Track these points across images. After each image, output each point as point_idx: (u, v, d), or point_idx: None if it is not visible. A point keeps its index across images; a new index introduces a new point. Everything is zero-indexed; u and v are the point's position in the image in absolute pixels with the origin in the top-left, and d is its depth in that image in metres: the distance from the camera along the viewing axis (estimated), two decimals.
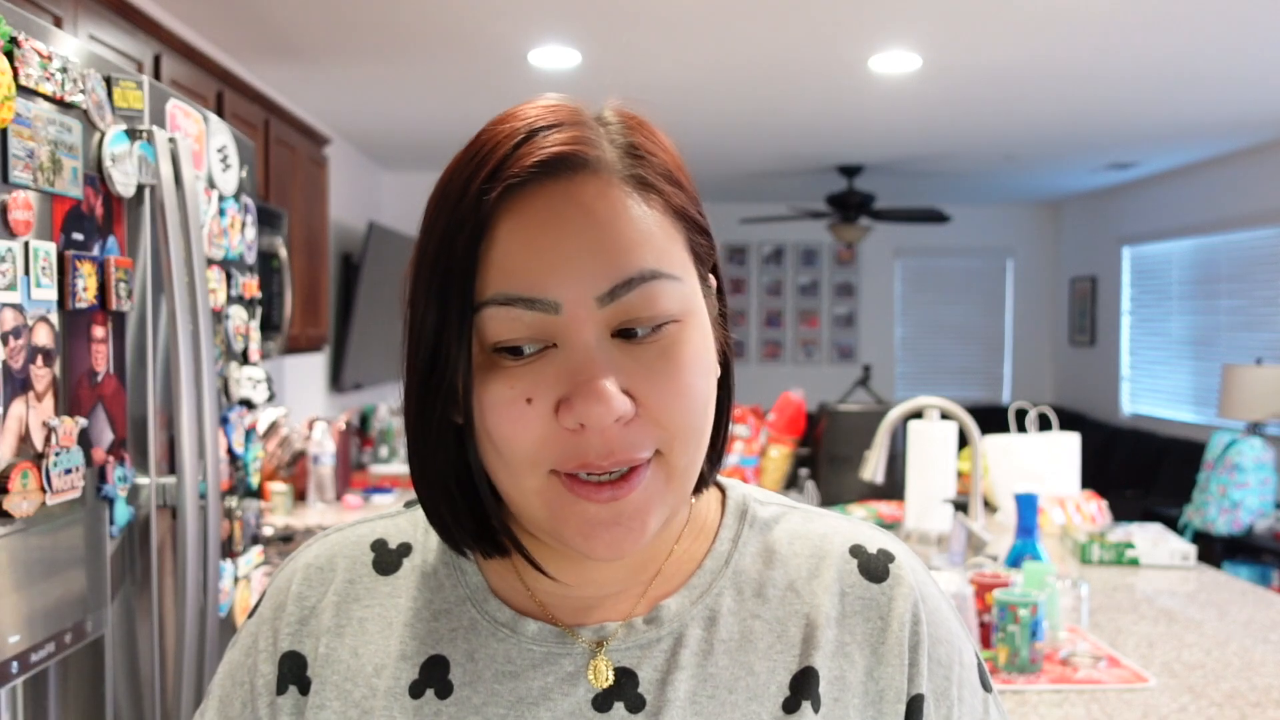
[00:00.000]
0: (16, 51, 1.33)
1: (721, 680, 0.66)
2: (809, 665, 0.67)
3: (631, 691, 0.65)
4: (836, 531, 0.73)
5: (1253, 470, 4.79)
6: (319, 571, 0.72)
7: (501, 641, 0.67)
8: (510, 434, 0.59)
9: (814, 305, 8.69)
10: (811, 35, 3.68)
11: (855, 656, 0.68)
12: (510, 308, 0.58)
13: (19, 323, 1.33)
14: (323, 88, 4.44)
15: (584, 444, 0.59)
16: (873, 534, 0.73)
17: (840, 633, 0.68)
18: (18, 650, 1.33)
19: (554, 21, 3.55)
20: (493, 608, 0.69)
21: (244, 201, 2.06)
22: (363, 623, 0.70)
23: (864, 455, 2.78)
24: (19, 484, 1.31)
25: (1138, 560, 2.64)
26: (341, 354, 5.20)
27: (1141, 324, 7.43)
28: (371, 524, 0.75)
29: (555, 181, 0.60)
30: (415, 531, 0.74)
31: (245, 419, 2.06)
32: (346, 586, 0.71)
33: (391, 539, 0.74)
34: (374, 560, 0.72)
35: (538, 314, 0.58)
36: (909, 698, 0.67)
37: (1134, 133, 5.51)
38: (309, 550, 0.74)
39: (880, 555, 0.71)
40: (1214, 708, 1.66)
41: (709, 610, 0.68)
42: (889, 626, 0.68)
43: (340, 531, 0.75)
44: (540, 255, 0.58)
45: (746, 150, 5.93)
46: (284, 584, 0.73)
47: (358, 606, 0.71)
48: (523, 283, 0.58)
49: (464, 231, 0.59)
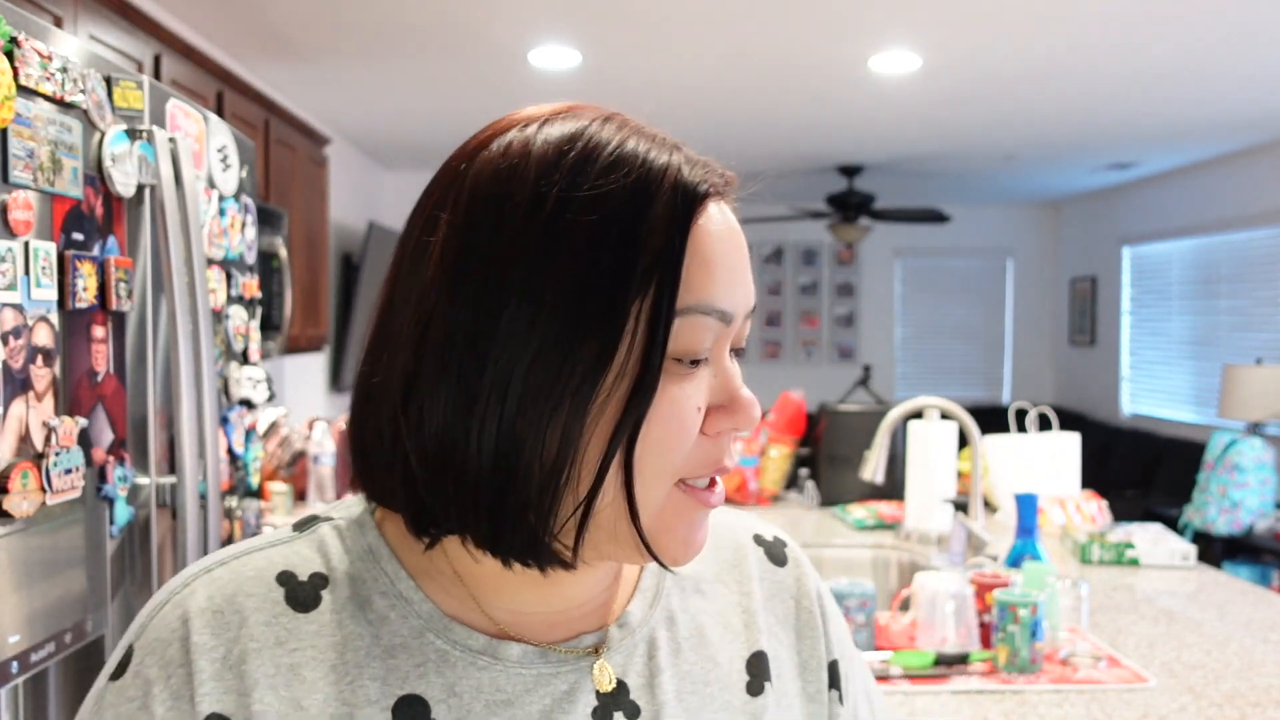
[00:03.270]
0: (16, 51, 1.33)
1: (696, 675, 0.68)
2: (758, 649, 0.72)
3: (625, 700, 0.65)
4: (738, 522, 0.78)
5: (1253, 470, 4.79)
6: (219, 617, 0.60)
7: (484, 670, 0.63)
8: (683, 440, 0.59)
9: (814, 305, 8.69)
10: (811, 35, 3.68)
11: (781, 636, 0.74)
12: (707, 318, 0.59)
13: (19, 323, 1.33)
14: (323, 88, 4.44)
15: (720, 450, 0.61)
16: (760, 523, 0.80)
17: (767, 616, 0.74)
18: (18, 650, 1.33)
19: (554, 21, 3.55)
20: (460, 635, 0.63)
21: (244, 201, 2.06)
22: (295, 669, 0.60)
23: (864, 455, 2.78)
24: (19, 484, 1.31)
25: (1138, 560, 2.64)
26: (341, 354, 5.20)
27: (1141, 324, 7.43)
28: (264, 554, 0.64)
29: (716, 201, 0.61)
30: (324, 559, 0.64)
31: (245, 419, 2.06)
32: (263, 630, 0.61)
33: (299, 569, 0.63)
34: (286, 596, 0.62)
35: (720, 325, 0.60)
36: (828, 663, 0.75)
37: (1134, 133, 5.51)
38: (194, 594, 0.61)
39: (776, 542, 0.78)
40: (1214, 708, 1.66)
41: (666, 611, 0.70)
42: (801, 605, 0.76)
43: (226, 566, 0.63)
44: (728, 269, 0.60)
45: (746, 150, 5.94)
46: (169, 635, 0.60)
47: (283, 651, 0.60)
48: (719, 294, 0.59)
49: (674, 239, 0.57)
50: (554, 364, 0.56)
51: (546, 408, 0.56)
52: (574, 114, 0.61)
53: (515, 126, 0.61)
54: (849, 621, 1.88)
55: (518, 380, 0.56)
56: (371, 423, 0.61)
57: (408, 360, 0.58)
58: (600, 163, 0.58)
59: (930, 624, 1.86)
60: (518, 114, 0.62)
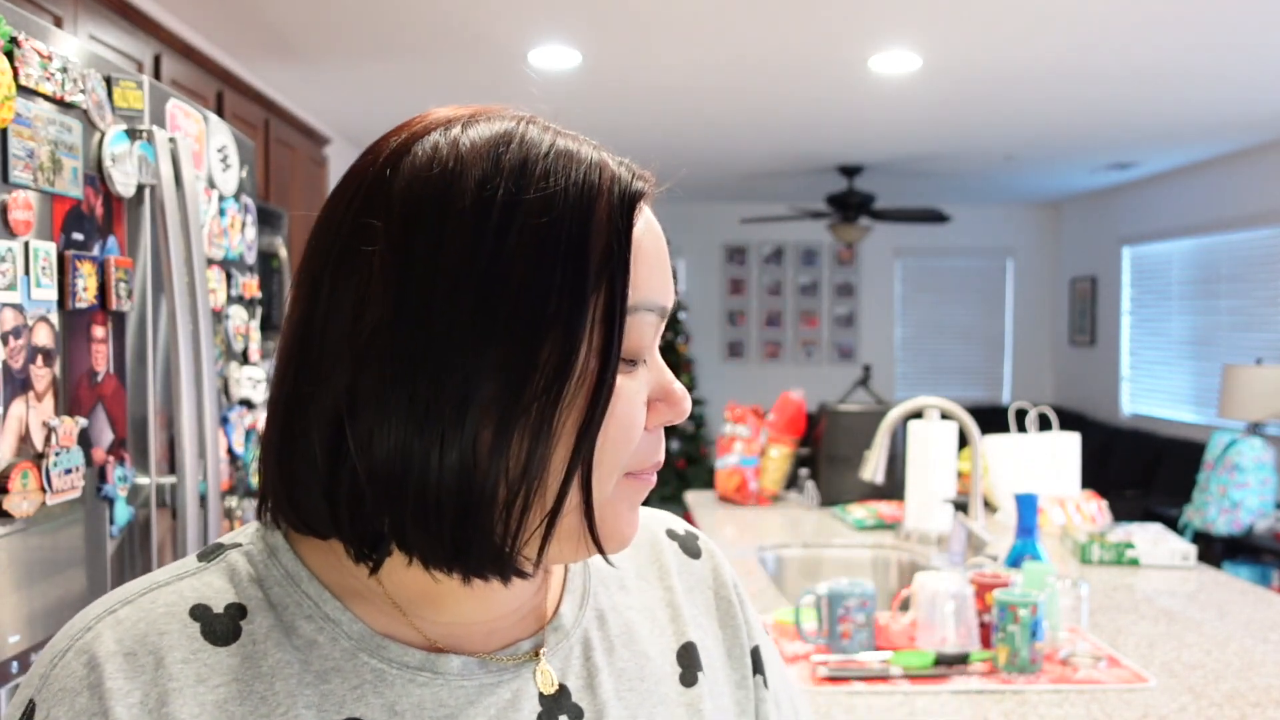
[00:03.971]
0: (16, 51, 1.33)
1: (631, 672, 0.69)
2: (687, 640, 0.73)
3: (568, 702, 0.65)
4: (651, 518, 0.79)
5: (1253, 470, 4.79)
6: (131, 659, 0.56)
7: (423, 686, 0.61)
8: (636, 436, 0.60)
9: (814, 305, 8.69)
10: (811, 35, 3.68)
11: (706, 626, 0.75)
12: (650, 314, 0.61)
13: (19, 323, 1.33)
14: (323, 88, 4.44)
15: (658, 443, 0.63)
16: (670, 517, 0.81)
17: (690, 608, 0.75)
18: (18, 650, 1.33)
19: (554, 21, 3.55)
20: (395, 653, 0.61)
21: (244, 201, 2.06)
22: (222, 705, 0.57)
23: (864, 455, 2.78)
24: (19, 484, 1.31)
25: (1138, 560, 2.64)
26: None
27: (1141, 324, 7.43)
28: (172, 588, 0.60)
29: (646, 200, 0.62)
30: (237, 588, 0.61)
31: (245, 419, 2.06)
32: (182, 668, 0.57)
33: (213, 601, 0.60)
34: (202, 630, 0.58)
35: (659, 321, 0.62)
36: (750, 649, 0.77)
37: (1134, 133, 5.51)
38: (99, 638, 0.57)
39: (689, 535, 0.79)
40: (1214, 708, 1.66)
41: (595, 610, 0.70)
42: (719, 594, 0.77)
43: (132, 605, 0.59)
44: (662, 266, 0.62)
45: (746, 150, 5.93)
46: (75, 685, 0.56)
47: (205, 689, 0.57)
48: (658, 290, 0.61)
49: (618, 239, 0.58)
50: (517, 373, 0.54)
51: (512, 419, 0.54)
52: (491, 115, 0.60)
53: (436, 129, 0.58)
54: (849, 621, 1.89)
55: (478, 394, 0.54)
56: (300, 445, 0.57)
57: (346, 378, 0.55)
58: (540, 164, 0.57)
59: (930, 624, 1.86)
60: (430, 115, 0.60)
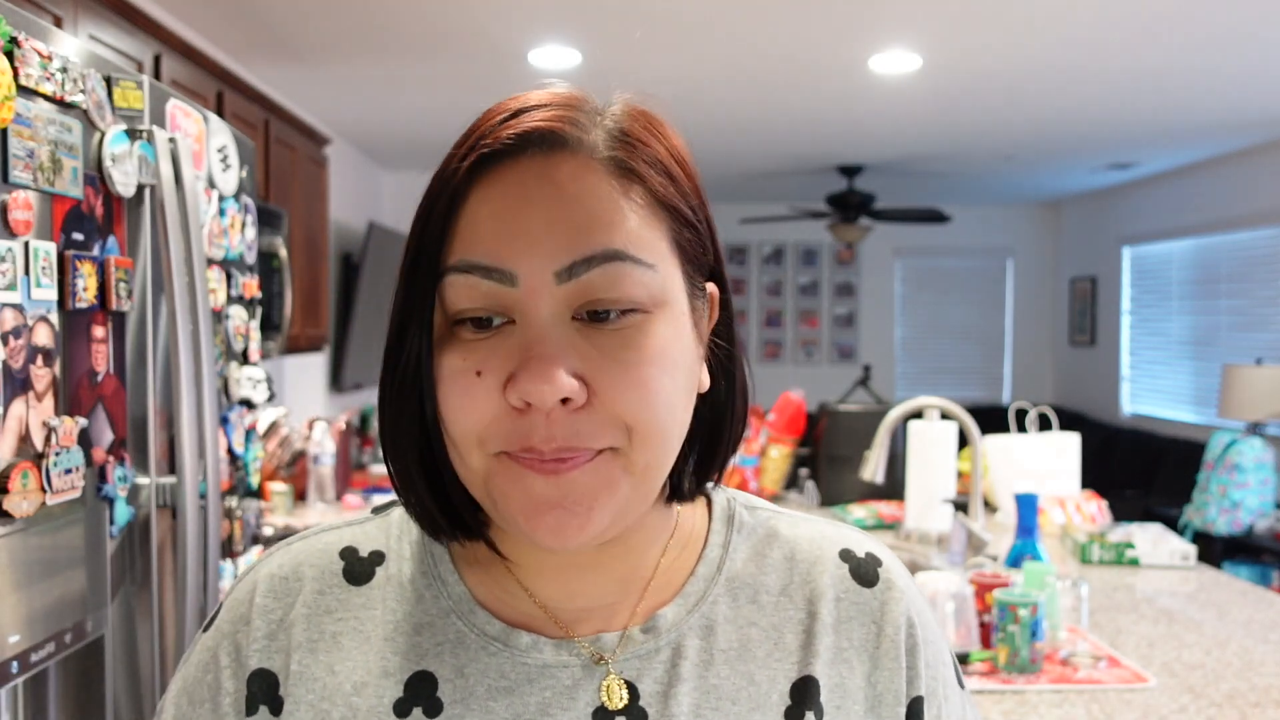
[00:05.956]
0: (16, 51, 1.33)
1: (724, 691, 0.65)
2: (808, 674, 0.66)
3: (634, 705, 0.63)
4: (824, 536, 0.72)
5: (1253, 470, 4.79)
6: (284, 582, 0.67)
7: (493, 656, 0.64)
8: (457, 407, 0.58)
9: (814, 305, 8.69)
10: (811, 35, 3.68)
11: (854, 662, 0.67)
12: (469, 275, 0.57)
13: (19, 323, 1.33)
14: (323, 88, 4.44)
15: (530, 425, 0.57)
16: (858, 537, 0.73)
17: (838, 638, 0.68)
18: (18, 650, 1.33)
19: (554, 21, 3.55)
20: (480, 620, 0.65)
21: (244, 201, 2.06)
22: (336, 637, 0.65)
23: (864, 455, 2.78)
24: (19, 484, 1.31)
25: (1138, 560, 2.64)
26: (341, 354, 5.20)
27: (1141, 324, 7.43)
28: (339, 531, 0.70)
29: (531, 158, 0.59)
30: (387, 539, 0.69)
31: (245, 419, 2.06)
32: (316, 598, 0.66)
33: (362, 546, 0.69)
34: (344, 569, 0.68)
35: (495, 284, 0.57)
36: (909, 700, 0.68)
37: (1134, 133, 5.51)
38: (271, 560, 0.69)
39: (869, 559, 0.71)
40: (1214, 708, 1.66)
41: (705, 619, 0.67)
42: (884, 631, 0.68)
43: (305, 539, 0.70)
44: (504, 225, 0.57)
45: (746, 150, 5.94)
46: (244, 596, 0.67)
47: (330, 620, 0.66)
48: (483, 251, 0.57)
49: (440, 201, 0.60)
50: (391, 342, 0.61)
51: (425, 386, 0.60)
52: None
53: None
54: None
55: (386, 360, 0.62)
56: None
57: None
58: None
59: None
60: None
